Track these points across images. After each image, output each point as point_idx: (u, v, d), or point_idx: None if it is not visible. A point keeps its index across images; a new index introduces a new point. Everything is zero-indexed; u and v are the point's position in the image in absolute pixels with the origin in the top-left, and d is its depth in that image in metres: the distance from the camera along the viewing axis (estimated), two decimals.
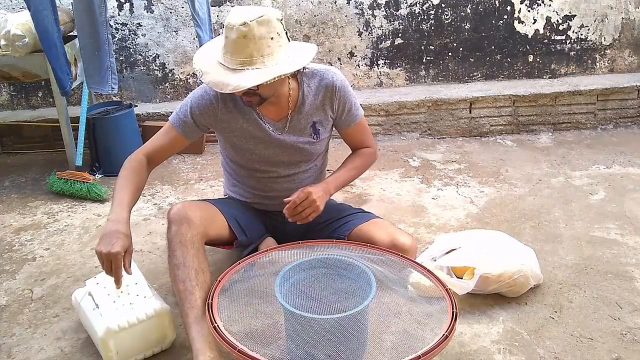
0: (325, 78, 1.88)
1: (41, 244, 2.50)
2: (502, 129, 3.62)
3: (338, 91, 1.88)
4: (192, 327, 1.58)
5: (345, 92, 1.90)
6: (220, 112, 1.85)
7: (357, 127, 2.00)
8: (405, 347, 1.44)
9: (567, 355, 1.74)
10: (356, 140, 2.04)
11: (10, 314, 2.03)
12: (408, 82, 3.83)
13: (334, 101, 1.90)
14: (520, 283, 1.95)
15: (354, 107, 1.95)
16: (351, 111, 1.95)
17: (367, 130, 2.05)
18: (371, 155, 2.07)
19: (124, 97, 3.73)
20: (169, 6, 3.57)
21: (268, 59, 1.62)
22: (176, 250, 1.69)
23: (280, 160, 1.93)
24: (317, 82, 1.88)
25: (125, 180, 1.75)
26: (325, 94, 1.88)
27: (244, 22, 1.59)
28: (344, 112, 1.93)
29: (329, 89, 1.88)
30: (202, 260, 1.71)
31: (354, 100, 1.95)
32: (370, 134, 2.07)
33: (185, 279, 1.64)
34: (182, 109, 1.87)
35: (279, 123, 1.88)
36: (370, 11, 3.63)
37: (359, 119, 1.98)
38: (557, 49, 3.78)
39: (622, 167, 3.07)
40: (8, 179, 3.21)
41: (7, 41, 2.84)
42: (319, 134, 1.93)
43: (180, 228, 1.71)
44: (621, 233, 2.40)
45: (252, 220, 2.01)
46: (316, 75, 1.88)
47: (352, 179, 2.04)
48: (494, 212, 2.64)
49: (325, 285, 1.64)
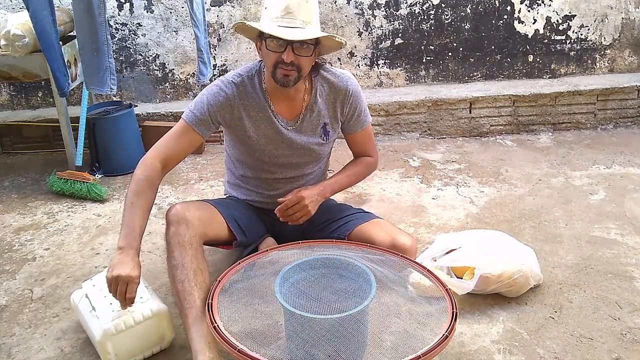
0: (340, 81, 1.91)
1: (41, 244, 2.50)
2: (502, 129, 3.62)
3: (351, 95, 1.92)
4: (191, 327, 1.58)
5: (358, 97, 1.93)
6: (236, 109, 1.86)
7: (363, 133, 2.02)
8: (405, 347, 1.44)
9: (567, 355, 1.73)
10: (360, 147, 2.06)
11: (10, 314, 2.03)
12: (408, 82, 3.83)
13: (345, 105, 1.92)
14: (520, 283, 1.94)
15: (363, 113, 1.97)
16: (360, 117, 1.97)
17: (372, 138, 2.07)
18: (371, 165, 2.08)
19: (124, 97, 3.73)
20: (169, 6, 3.57)
21: (318, 21, 1.79)
22: (174, 251, 1.69)
23: (288, 162, 1.94)
24: (332, 84, 1.91)
25: (138, 197, 1.70)
26: (337, 96, 1.91)
27: None
28: (354, 116, 1.95)
29: (342, 92, 1.91)
30: (200, 260, 1.70)
31: (364, 107, 1.98)
32: (374, 143, 2.08)
33: (183, 280, 1.64)
34: (198, 106, 1.84)
35: (291, 121, 1.90)
36: (370, 11, 3.63)
37: (367, 125, 2.01)
38: (557, 49, 3.78)
39: (622, 167, 3.07)
40: (8, 179, 3.21)
41: (7, 41, 2.84)
42: (329, 135, 1.95)
43: (178, 229, 1.71)
44: (621, 233, 2.40)
45: (252, 220, 2.01)
46: (331, 77, 1.91)
47: (349, 185, 2.06)
48: (494, 212, 2.64)
49: (325, 285, 1.64)
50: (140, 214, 1.68)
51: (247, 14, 3.61)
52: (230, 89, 1.84)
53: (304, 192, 1.85)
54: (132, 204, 1.68)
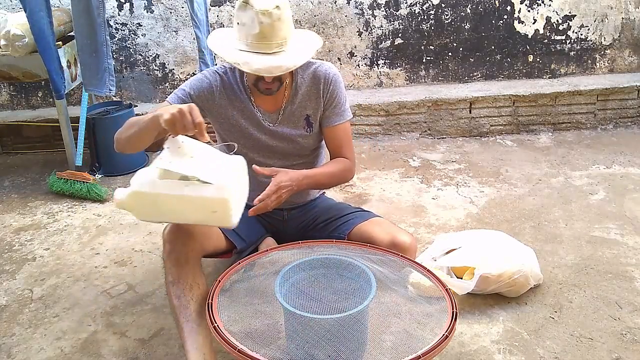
0: (320, 69, 1.88)
1: (41, 244, 2.51)
2: (502, 129, 3.62)
3: (331, 82, 1.87)
4: (187, 340, 1.58)
5: (337, 85, 1.88)
6: (218, 97, 1.86)
7: (341, 129, 1.93)
8: (405, 347, 1.44)
9: (567, 355, 1.74)
10: (336, 144, 1.96)
11: (10, 314, 2.03)
12: (408, 82, 3.83)
13: (324, 92, 1.88)
14: (520, 283, 1.95)
15: (341, 104, 1.91)
16: (337, 107, 1.90)
17: (350, 140, 1.98)
18: (348, 169, 1.95)
19: (124, 97, 3.73)
20: (169, 6, 3.57)
21: (296, 39, 1.70)
22: (171, 267, 1.67)
23: (273, 150, 1.92)
24: (311, 74, 1.88)
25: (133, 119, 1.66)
26: (318, 84, 1.88)
27: (276, 5, 1.62)
28: (331, 106, 1.89)
29: (322, 79, 1.87)
30: (197, 275, 1.69)
31: (344, 99, 1.92)
32: (351, 146, 1.98)
33: (179, 295, 1.64)
34: (181, 90, 1.85)
35: (273, 114, 1.89)
36: (370, 11, 3.63)
37: (345, 121, 1.93)
38: (557, 49, 3.78)
39: (622, 167, 3.07)
40: (8, 179, 3.21)
41: (7, 41, 2.84)
42: (312, 127, 1.92)
43: (175, 246, 1.69)
44: (621, 233, 2.40)
45: (249, 223, 1.99)
46: (310, 67, 1.88)
47: (324, 186, 1.98)
48: (494, 212, 2.64)
49: (325, 285, 1.63)
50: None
51: None
52: (214, 77, 1.85)
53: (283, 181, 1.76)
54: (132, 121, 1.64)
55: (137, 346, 1.85)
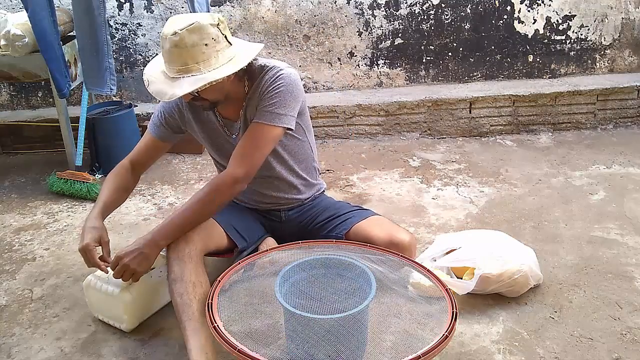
0: (271, 72, 1.77)
1: (41, 244, 2.51)
2: (502, 129, 3.62)
3: (272, 81, 1.74)
4: (190, 339, 1.59)
5: (278, 85, 1.73)
6: (185, 112, 1.90)
7: (255, 128, 1.73)
8: (405, 347, 1.44)
9: (567, 355, 1.74)
10: (240, 143, 1.76)
11: (10, 314, 2.03)
12: (408, 82, 3.83)
13: (262, 89, 1.75)
14: (520, 283, 1.95)
15: (272, 105, 1.72)
16: (263, 103, 1.73)
17: (256, 146, 1.72)
18: (221, 183, 1.73)
19: (124, 97, 3.73)
20: (169, 6, 3.57)
21: (204, 65, 1.60)
22: (174, 266, 1.70)
23: None
24: (262, 78, 1.78)
25: (106, 183, 1.91)
26: (261, 84, 1.77)
27: (175, 32, 1.59)
28: (262, 102, 1.74)
29: (265, 79, 1.76)
30: (200, 273, 1.71)
31: (281, 104, 1.73)
32: (251, 151, 1.73)
33: (182, 293, 1.65)
34: (154, 114, 1.95)
35: (236, 123, 1.87)
36: (370, 11, 3.63)
37: (265, 122, 1.72)
38: (557, 49, 3.78)
39: (622, 167, 3.07)
40: (8, 179, 3.21)
41: (7, 41, 2.83)
42: None
43: (177, 245, 1.72)
44: (621, 233, 2.40)
45: (250, 222, 2.00)
46: (272, 70, 1.78)
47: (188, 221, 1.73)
48: (494, 212, 2.64)
49: (325, 285, 1.64)
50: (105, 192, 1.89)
51: (247, 14, 3.61)
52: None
53: (121, 253, 1.70)
54: (100, 190, 1.92)
55: (137, 346, 1.85)
